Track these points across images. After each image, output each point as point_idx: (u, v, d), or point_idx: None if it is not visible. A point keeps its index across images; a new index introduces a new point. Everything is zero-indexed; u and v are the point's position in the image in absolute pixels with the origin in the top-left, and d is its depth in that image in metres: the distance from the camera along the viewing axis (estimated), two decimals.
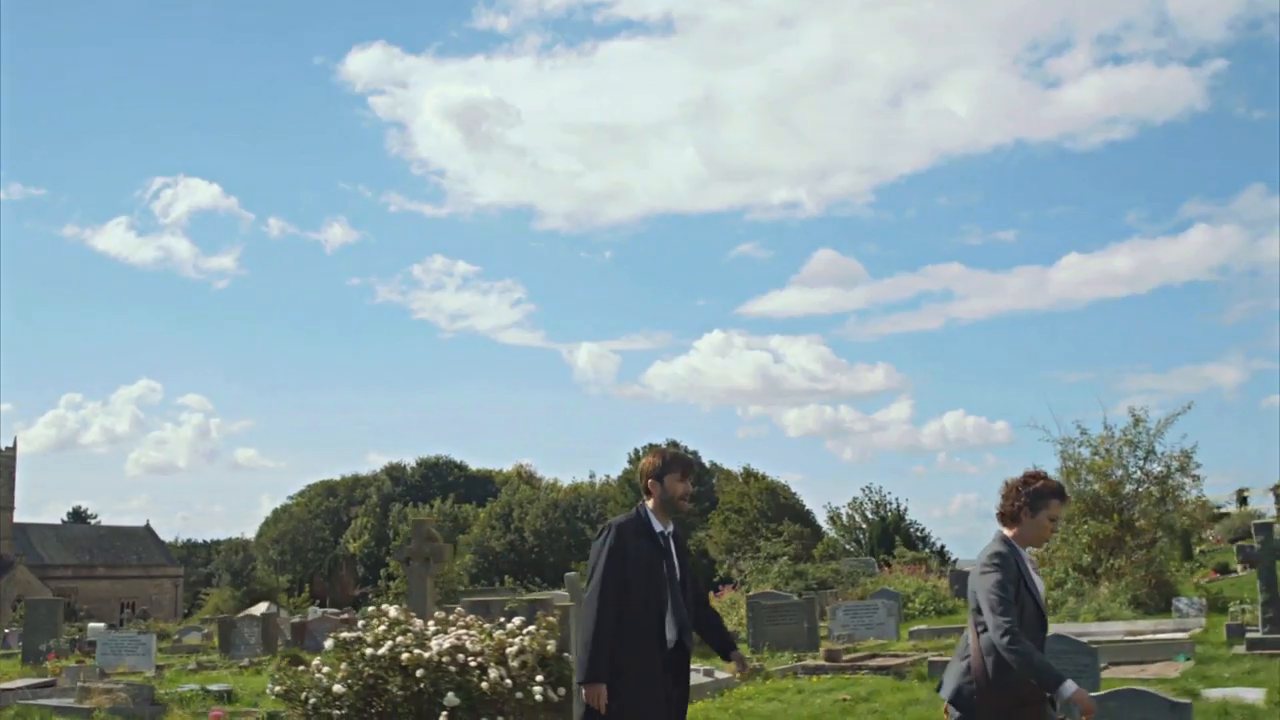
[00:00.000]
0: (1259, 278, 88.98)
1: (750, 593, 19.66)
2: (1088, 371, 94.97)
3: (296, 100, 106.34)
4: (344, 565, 71.38)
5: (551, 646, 7.26)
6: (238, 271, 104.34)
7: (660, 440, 70.91)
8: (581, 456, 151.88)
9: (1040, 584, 4.31)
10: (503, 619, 7.41)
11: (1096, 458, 17.78)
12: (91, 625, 29.19)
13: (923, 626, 15.63)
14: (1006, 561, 4.15)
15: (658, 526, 4.78)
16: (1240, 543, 12.84)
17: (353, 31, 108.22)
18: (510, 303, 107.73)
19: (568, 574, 19.71)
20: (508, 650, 7.05)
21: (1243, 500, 30.14)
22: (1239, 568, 22.48)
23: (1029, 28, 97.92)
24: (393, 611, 7.18)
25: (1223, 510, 29.64)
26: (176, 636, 23.58)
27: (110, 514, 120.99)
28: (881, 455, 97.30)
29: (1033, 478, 4.35)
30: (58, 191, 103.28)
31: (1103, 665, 12.67)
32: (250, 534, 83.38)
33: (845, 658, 11.98)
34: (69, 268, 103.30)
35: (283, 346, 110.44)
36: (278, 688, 7.03)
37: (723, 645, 4.98)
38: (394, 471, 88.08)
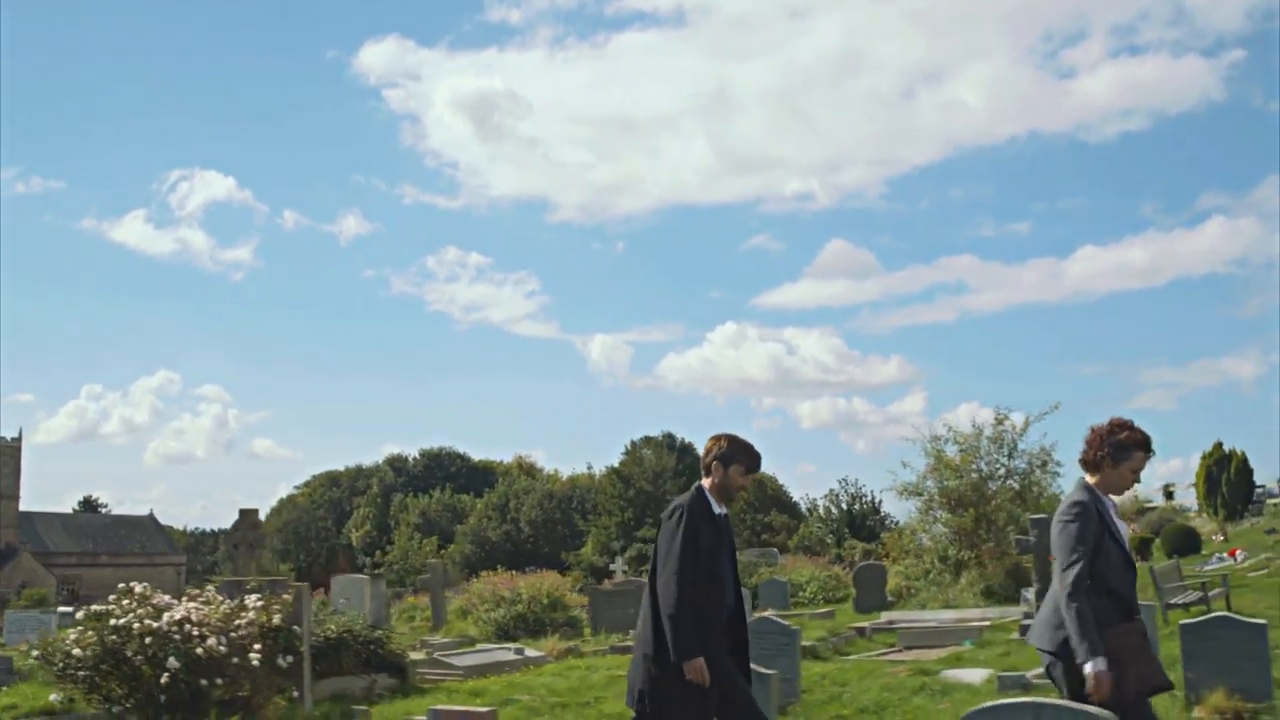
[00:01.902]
0: (1277, 270, 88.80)
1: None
2: (1104, 364, 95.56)
3: (310, 94, 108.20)
4: (341, 554, 73.07)
5: (278, 619, 8.39)
6: (254, 264, 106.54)
7: (657, 432, 72.21)
8: (594, 448, 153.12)
9: (1125, 530, 4.28)
10: (243, 596, 8.53)
11: (963, 453, 18.72)
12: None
13: (770, 613, 16.60)
14: (1087, 510, 4.12)
15: (716, 509, 4.91)
16: (1018, 536, 13.72)
17: (366, 25, 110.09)
18: (524, 294, 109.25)
19: (430, 561, 20.93)
20: (237, 622, 8.20)
21: (1169, 495, 30.85)
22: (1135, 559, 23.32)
23: (1043, 18, 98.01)
24: (138, 588, 8.34)
25: (1150, 505, 30.41)
26: None
27: (131, 503, 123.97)
28: (895, 447, 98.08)
29: (1119, 427, 4.31)
30: (76, 184, 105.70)
31: (903, 647, 13.79)
32: None
33: None
34: (88, 260, 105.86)
35: (300, 338, 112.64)
36: (35, 652, 8.18)
37: None
38: (396, 462, 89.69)
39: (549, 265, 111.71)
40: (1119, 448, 4.22)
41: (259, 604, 8.37)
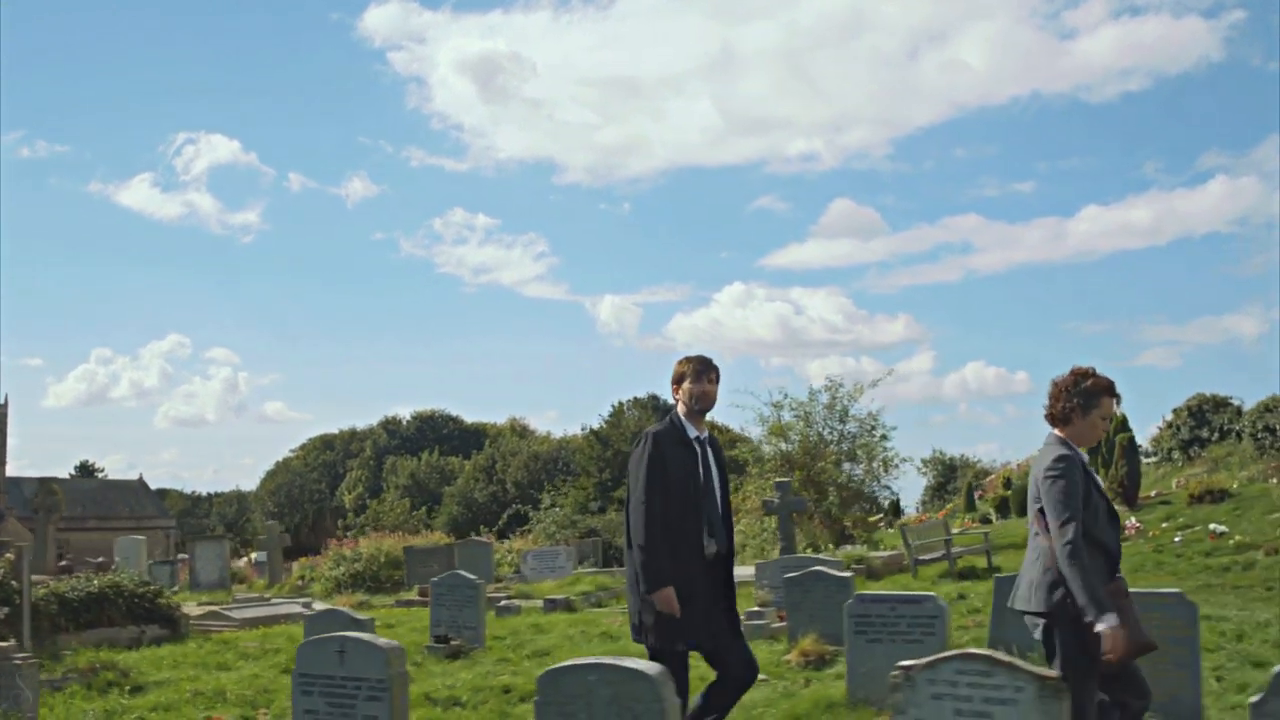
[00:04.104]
0: (1277, 229, 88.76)
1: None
2: (1107, 323, 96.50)
3: (315, 56, 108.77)
4: (329, 516, 75.13)
5: None
6: (262, 226, 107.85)
7: (642, 393, 73.39)
8: (603, 409, 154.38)
9: (1100, 482, 4.22)
10: None
11: (796, 419, 19.75)
12: None
13: (589, 570, 17.84)
14: (1072, 464, 4.03)
15: (692, 432, 4.79)
16: (764, 499, 14.75)
17: None
18: (533, 256, 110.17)
19: (269, 522, 22.23)
20: None
21: None
22: (994, 517, 24.32)
23: None
24: None
25: None
26: None
27: (143, 467, 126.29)
28: (903, 406, 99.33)
29: (1083, 375, 4.23)
30: (82, 148, 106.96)
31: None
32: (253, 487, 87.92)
33: None
34: (95, 224, 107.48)
35: (310, 300, 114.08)
36: None
37: None
38: (390, 425, 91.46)
39: (557, 227, 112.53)
40: (1088, 395, 4.16)
41: None
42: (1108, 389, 4.21)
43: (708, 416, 5.10)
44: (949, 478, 37.55)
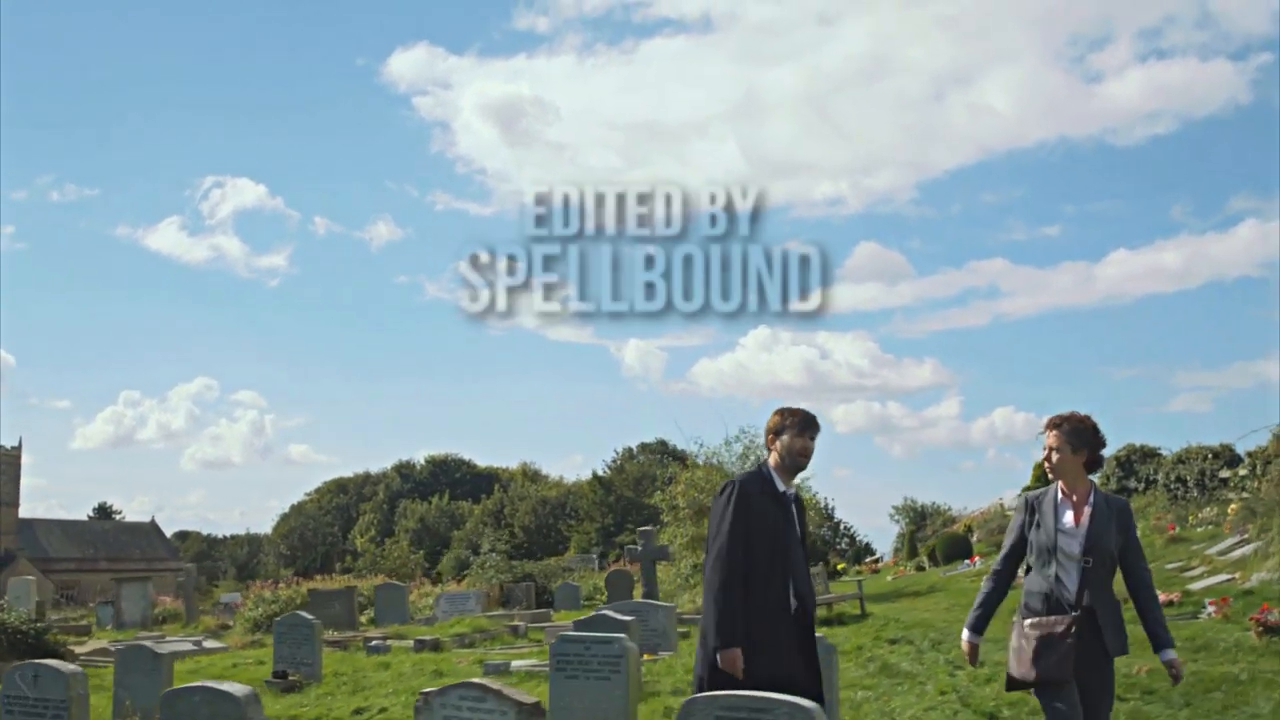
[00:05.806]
0: None
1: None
2: (1138, 367, 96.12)
3: (340, 101, 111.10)
4: (334, 559, 76.13)
5: None
6: (289, 270, 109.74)
7: (650, 439, 74.22)
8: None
9: (1066, 517, 4.26)
10: None
11: (709, 466, 20.38)
12: None
13: (498, 612, 18.54)
14: (1023, 504, 4.42)
15: (780, 486, 4.63)
16: (629, 545, 15.42)
17: (395, 33, 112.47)
18: (559, 300, 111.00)
19: (185, 565, 23.10)
20: None
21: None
22: (926, 564, 24.75)
23: (1070, 22, 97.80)
24: None
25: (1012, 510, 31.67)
26: None
27: (170, 509, 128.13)
28: (931, 451, 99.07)
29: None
30: (109, 192, 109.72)
31: (549, 641, 15.53)
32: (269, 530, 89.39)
33: (345, 635, 15.06)
34: (123, 267, 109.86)
35: (336, 344, 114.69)
36: None
37: None
38: (403, 469, 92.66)
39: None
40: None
41: None
42: (1047, 424, 4.44)
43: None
44: (920, 524, 37.92)
